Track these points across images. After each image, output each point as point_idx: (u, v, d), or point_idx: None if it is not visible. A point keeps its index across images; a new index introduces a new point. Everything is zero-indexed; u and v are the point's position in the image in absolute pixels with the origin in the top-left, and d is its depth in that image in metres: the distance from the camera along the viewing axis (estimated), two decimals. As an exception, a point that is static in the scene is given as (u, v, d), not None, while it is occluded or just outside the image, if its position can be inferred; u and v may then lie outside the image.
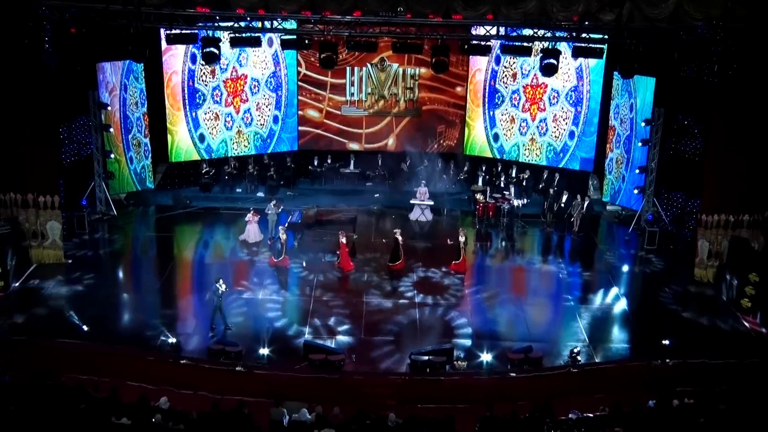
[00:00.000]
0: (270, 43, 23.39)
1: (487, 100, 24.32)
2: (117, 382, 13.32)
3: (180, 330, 15.74)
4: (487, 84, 24.22)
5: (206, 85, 23.03)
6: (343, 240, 18.64)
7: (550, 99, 23.36)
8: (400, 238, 18.75)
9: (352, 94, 24.19)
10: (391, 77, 24.13)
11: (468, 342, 15.60)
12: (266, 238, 20.19)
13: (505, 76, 23.96)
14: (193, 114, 22.93)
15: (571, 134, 23.22)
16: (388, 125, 24.70)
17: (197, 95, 22.93)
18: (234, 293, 17.05)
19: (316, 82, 24.05)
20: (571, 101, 23.01)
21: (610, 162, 22.79)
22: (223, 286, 15.76)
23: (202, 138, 23.27)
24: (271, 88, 24.13)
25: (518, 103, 23.86)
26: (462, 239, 18.59)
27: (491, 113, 24.35)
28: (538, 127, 23.72)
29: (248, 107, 23.87)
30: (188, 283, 18.52)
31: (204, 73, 22.68)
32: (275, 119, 24.41)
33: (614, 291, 18.19)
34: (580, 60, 22.13)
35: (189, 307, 16.96)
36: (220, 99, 23.31)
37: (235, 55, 23.11)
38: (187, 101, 22.71)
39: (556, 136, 23.57)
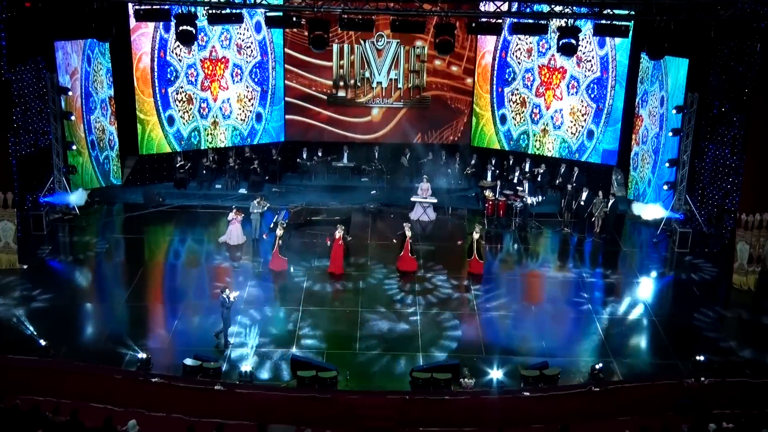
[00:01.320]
0: (258, 28, 23.35)
1: (495, 74, 24.13)
2: (78, 404, 13.29)
3: (151, 344, 15.72)
4: (497, 56, 23.98)
5: (180, 60, 22.82)
6: (338, 235, 18.55)
7: (568, 87, 23.27)
8: (408, 233, 18.69)
9: (342, 78, 24.20)
10: (391, 58, 24.16)
11: (476, 357, 15.64)
12: (250, 239, 20.23)
13: (519, 50, 23.75)
14: (162, 91, 22.64)
15: (590, 134, 23.14)
16: (387, 114, 24.73)
17: (168, 70, 22.67)
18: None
19: (303, 64, 24.06)
20: (592, 95, 22.93)
21: (635, 156, 22.78)
22: (232, 295, 15.74)
23: (171, 121, 23.03)
24: (256, 80, 24.02)
25: (531, 85, 23.75)
26: (476, 235, 18.60)
27: (499, 90, 24.21)
28: (552, 117, 23.67)
29: (228, 97, 23.80)
30: (160, 292, 18.49)
31: (178, 44, 22.15)
32: (258, 117, 24.34)
33: (641, 300, 18.21)
34: (606, 49, 22.12)
35: (161, 319, 16.95)
36: (195, 80, 23.19)
37: (216, 33, 23.02)
38: (156, 75, 22.34)
39: (572, 133, 23.50)
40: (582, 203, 21.42)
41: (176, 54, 22.72)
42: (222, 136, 23.96)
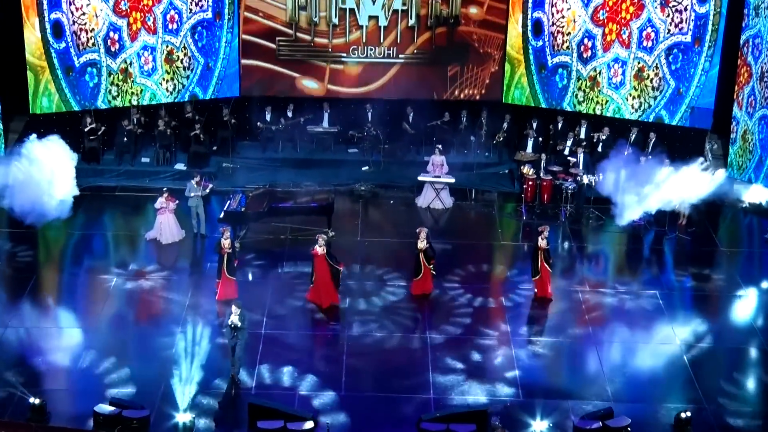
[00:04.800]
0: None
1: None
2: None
3: (48, 385, 15.78)
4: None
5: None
6: (320, 249, 18.35)
7: (640, 36, 23.28)
8: (422, 243, 18.35)
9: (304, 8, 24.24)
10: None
11: (511, 400, 15.67)
12: (190, 234, 20.24)
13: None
14: (53, 16, 22.57)
15: (651, 111, 23.25)
16: (385, 58, 24.79)
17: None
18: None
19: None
20: (669, 62, 22.97)
21: (736, 125, 22.76)
22: (236, 317, 15.70)
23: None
24: (200, 44, 24.10)
25: (588, 4, 23.72)
26: (543, 243, 18.27)
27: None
28: (609, 66, 23.70)
29: (153, 45, 23.82)
30: (60, 311, 18.33)
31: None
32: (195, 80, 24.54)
33: (746, 320, 18.20)
34: (709, 5, 22.14)
35: (61, 348, 16.84)
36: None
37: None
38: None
39: (633, 106, 23.58)
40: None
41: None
42: (134, 91, 23.89)
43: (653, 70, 23.25)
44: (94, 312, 17.96)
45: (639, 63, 23.39)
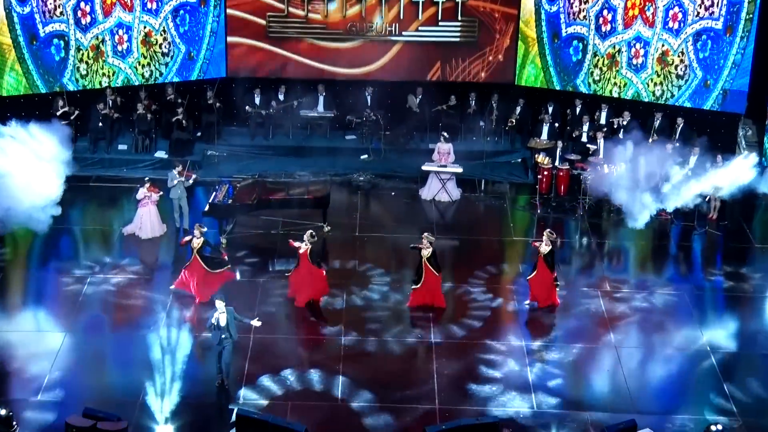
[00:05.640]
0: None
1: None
2: None
3: (13, 394, 15.77)
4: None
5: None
6: (304, 246, 18.24)
7: (666, 15, 23.23)
8: (427, 250, 18.16)
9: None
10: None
11: (526, 412, 15.64)
12: (172, 229, 20.24)
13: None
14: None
15: (674, 102, 23.23)
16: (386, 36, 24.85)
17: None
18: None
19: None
20: (696, 49, 22.94)
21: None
22: (221, 314, 15.57)
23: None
24: (184, 30, 24.11)
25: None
26: (545, 247, 18.04)
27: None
28: (629, 45, 23.63)
29: (130, 23, 23.81)
30: (29, 313, 18.34)
31: None
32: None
33: (784, 324, 18.24)
34: None
35: (31, 354, 16.80)
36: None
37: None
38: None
39: (654, 93, 23.61)
40: (690, 174, 21.20)
41: None
42: (106, 71, 23.86)
43: (678, 56, 23.22)
44: (67, 314, 17.93)
45: (663, 45, 23.38)
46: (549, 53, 24.58)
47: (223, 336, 15.68)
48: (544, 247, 18.09)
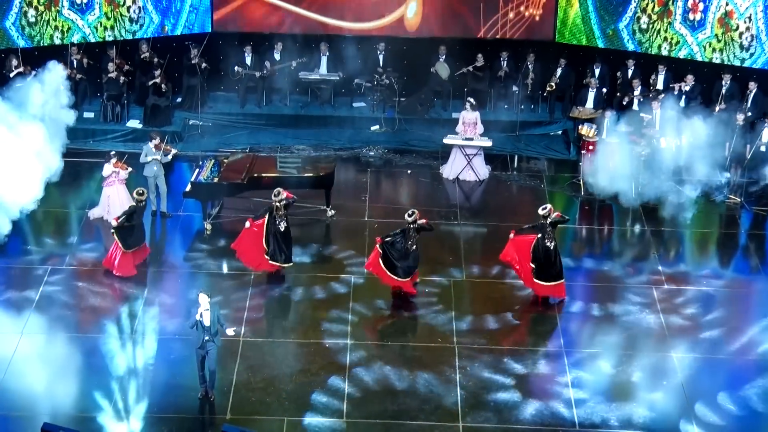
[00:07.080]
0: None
1: None
2: None
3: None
4: None
5: None
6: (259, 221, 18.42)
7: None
8: (418, 221, 18.23)
9: None
10: None
11: (562, 428, 15.71)
12: (148, 212, 20.15)
13: None
14: None
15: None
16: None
17: None
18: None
19: None
20: (759, 29, 22.97)
21: None
22: (206, 311, 15.46)
23: None
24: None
25: None
26: (550, 244, 18.13)
27: None
28: (686, 5, 23.68)
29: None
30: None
31: None
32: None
33: None
34: None
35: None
36: None
37: None
38: None
39: (712, 60, 23.67)
40: (762, 149, 21.51)
41: None
42: (66, 26, 23.96)
43: (744, 22, 23.11)
44: (22, 313, 17.92)
45: (728, 5, 23.32)
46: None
47: (206, 338, 15.53)
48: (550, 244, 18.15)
